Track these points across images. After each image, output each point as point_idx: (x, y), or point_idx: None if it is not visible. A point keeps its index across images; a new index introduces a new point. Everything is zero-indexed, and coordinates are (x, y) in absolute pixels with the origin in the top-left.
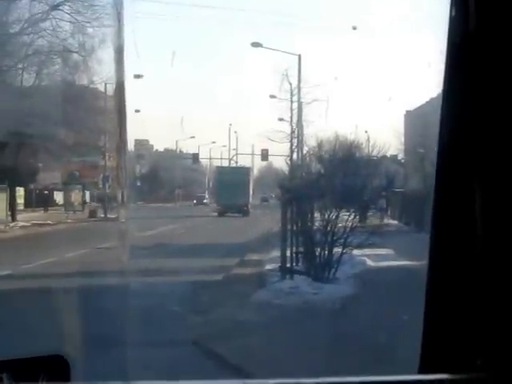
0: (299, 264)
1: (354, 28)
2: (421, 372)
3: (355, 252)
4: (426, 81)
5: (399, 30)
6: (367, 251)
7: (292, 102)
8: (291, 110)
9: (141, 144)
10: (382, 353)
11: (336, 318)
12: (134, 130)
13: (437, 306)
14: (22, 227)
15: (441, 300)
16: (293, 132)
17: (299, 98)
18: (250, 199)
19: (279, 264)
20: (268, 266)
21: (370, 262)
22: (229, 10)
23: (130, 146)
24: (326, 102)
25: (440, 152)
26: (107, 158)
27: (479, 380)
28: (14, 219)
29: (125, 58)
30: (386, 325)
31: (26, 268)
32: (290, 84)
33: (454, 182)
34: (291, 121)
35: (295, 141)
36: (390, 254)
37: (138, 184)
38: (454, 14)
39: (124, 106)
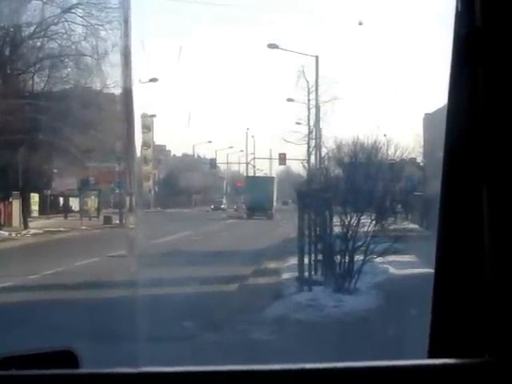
0: (318, 273)
1: (361, 23)
2: (430, 357)
3: (377, 259)
4: (446, 83)
5: (419, 32)
6: (389, 258)
7: (309, 104)
8: (308, 111)
9: (158, 149)
10: None
11: (361, 335)
12: (153, 135)
13: (445, 292)
14: (34, 235)
15: (449, 286)
16: (310, 133)
17: (317, 99)
18: (275, 204)
19: (297, 273)
20: (285, 276)
21: (392, 270)
22: (244, 10)
23: (149, 151)
24: (343, 102)
25: (446, 151)
26: (122, 163)
27: (488, 364)
28: (26, 227)
29: (137, 62)
30: (416, 341)
31: (31, 279)
32: (308, 87)
33: (461, 181)
34: (308, 123)
35: (312, 143)
36: (413, 261)
37: (156, 189)
38: (459, 9)
39: (132, 110)
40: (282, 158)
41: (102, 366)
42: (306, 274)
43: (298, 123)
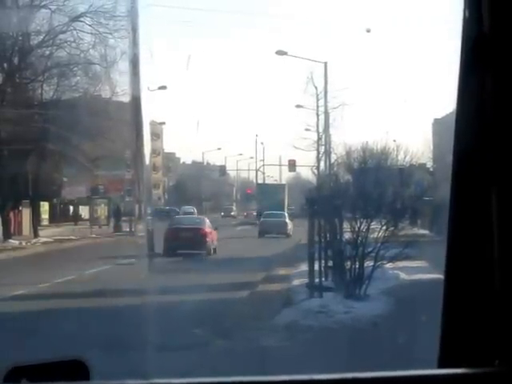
0: (328, 279)
1: (368, 31)
2: (440, 366)
3: (387, 265)
4: (454, 88)
5: (427, 38)
6: (400, 264)
7: (318, 110)
8: (317, 118)
9: (167, 157)
10: None
11: (371, 341)
12: (162, 142)
13: (455, 298)
14: (44, 243)
15: (459, 293)
16: (319, 139)
17: (326, 105)
18: (286, 209)
19: (307, 279)
20: (295, 282)
21: (403, 276)
22: (252, 17)
23: (158, 159)
24: (352, 108)
25: (455, 156)
26: (132, 171)
27: (498, 373)
28: (36, 235)
29: (146, 70)
30: (426, 347)
31: (41, 287)
32: (317, 93)
33: (470, 186)
34: (317, 129)
35: (322, 149)
36: (423, 267)
37: (165, 197)
38: (467, 15)
39: (141, 117)
40: (292, 165)
41: (113, 377)
42: (317, 280)
43: (307, 129)
